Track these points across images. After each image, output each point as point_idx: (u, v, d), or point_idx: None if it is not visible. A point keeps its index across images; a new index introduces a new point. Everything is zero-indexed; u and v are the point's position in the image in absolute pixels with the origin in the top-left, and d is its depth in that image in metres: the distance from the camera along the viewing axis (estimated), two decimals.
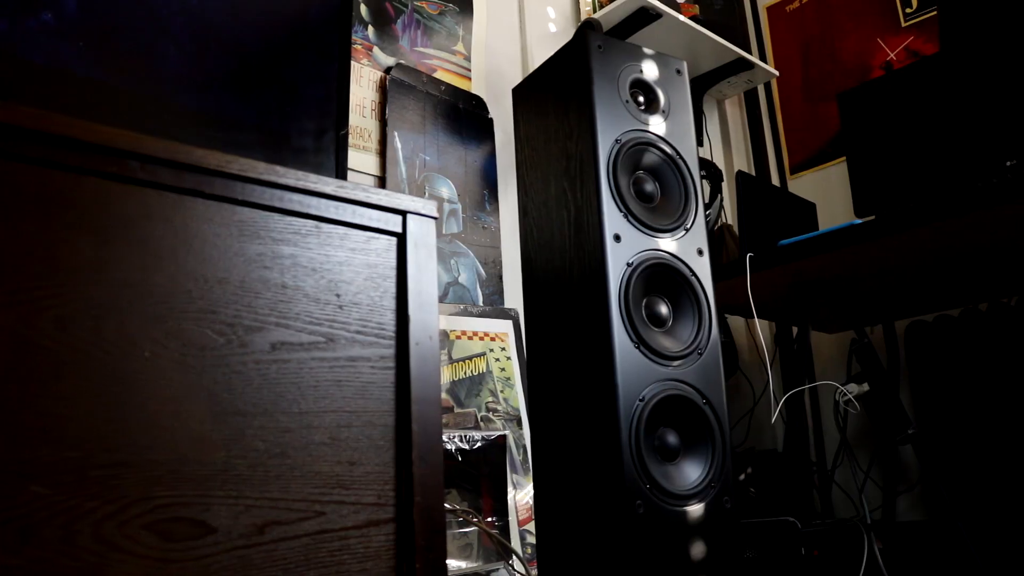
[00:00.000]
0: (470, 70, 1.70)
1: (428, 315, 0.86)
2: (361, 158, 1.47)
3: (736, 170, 2.27)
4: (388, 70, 1.54)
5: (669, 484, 1.03)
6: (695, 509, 1.04)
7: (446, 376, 1.46)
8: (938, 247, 1.48)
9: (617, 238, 1.07)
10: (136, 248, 0.72)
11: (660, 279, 1.11)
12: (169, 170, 0.74)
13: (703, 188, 1.94)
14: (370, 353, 0.83)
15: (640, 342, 1.05)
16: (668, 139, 1.17)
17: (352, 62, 1.50)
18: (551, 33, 1.87)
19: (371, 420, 0.82)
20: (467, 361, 1.50)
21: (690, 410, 1.08)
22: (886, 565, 1.57)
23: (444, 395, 1.45)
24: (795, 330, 1.99)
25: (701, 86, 2.14)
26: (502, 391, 1.52)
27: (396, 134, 1.51)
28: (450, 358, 1.48)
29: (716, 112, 2.29)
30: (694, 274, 1.13)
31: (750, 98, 2.34)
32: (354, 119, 1.48)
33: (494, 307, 1.57)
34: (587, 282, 1.08)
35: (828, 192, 2.15)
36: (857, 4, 2.12)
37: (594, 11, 1.90)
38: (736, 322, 2.06)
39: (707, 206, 1.76)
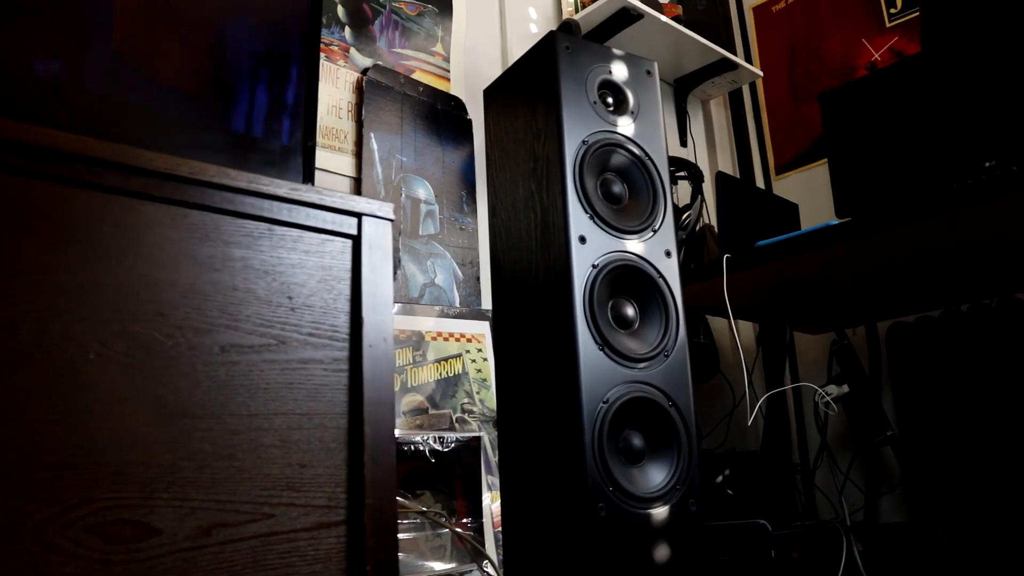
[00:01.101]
0: (449, 71, 1.70)
1: (383, 317, 0.86)
2: (337, 159, 1.48)
3: (720, 171, 2.27)
4: (365, 71, 1.54)
5: (633, 487, 1.02)
6: (659, 512, 1.03)
7: (423, 377, 1.46)
8: (916, 248, 1.47)
9: (583, 239, 1.07)
10: (83, 251, 0.72)
11: (627, 281, 1.11)
12: (117, 173, 0.74)
13: (673, 189, 1.94)
14: (323, 355, 0.83)
15: (605, 344, 1.04)
16: (636, 140, 1.17)
17: (328, 63, 1.50)
18: (532, 34, 1.86)
19: (323, 422, 0.82)
20: (443, 362, 1.50)
21: (656, 412, 1.07)
22: (865, 567, 1.56)
23: (419, 396, 1.45)
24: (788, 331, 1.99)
25: (685, 86, 2.14)
26: (478, 392, 1.52)
27: (372, 135, 1.51)
28: (425, 359, 1.48)
29: (700, 113, 2.28)
30: (661, 276, 1.13)
31: (735, 99, 2.33)
32: (330, 120, 1.48)
33: (471, 308, 1.56)
34: (552, 284, 1.08)
35: (813, 192, 2.14)
36: (842, 4, 2.11)
37: (576, 11, 1.90)
38: (720, 323, 2.05)
39: (687, 207, 1.75)
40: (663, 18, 1.86)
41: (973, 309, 1.68)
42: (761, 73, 2.17)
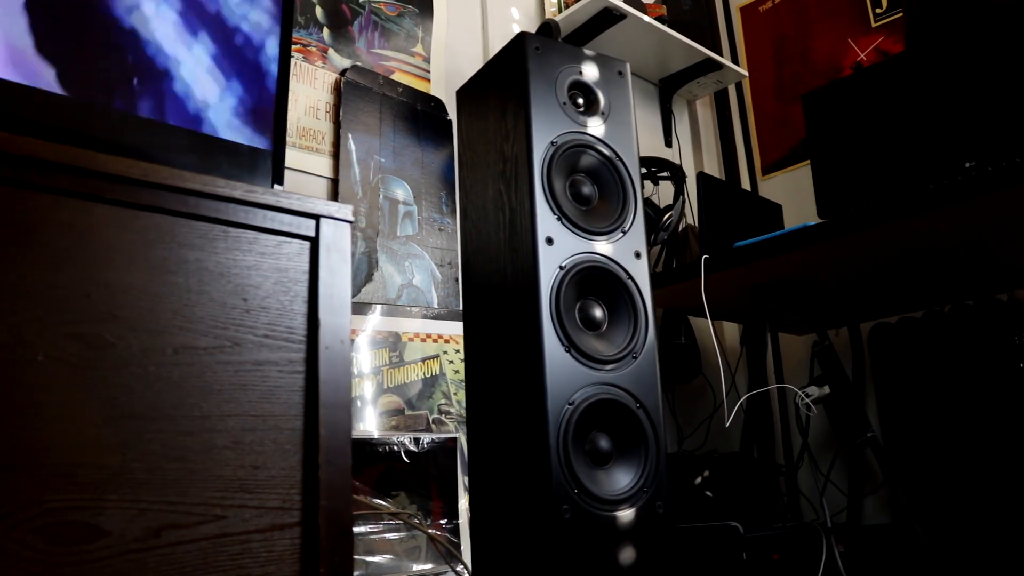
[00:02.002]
0: (429, 72, 1.70)
1: (340, 319, 0.86)
2: (314, 160, 1.48)
3: (706, 171, 2.26)
4: (343, 72, 1.54)
5: (598, 489, 1.02)
6: (625, 514, 1.03)
7: (399, 378, 1.46)
8: (895, 249, 1.47)
9: (550, 241, 1.07)
10: (32, 253, 0.72)
11: (595, 282, 1.11)
12: (68, 176, 0.74)
13: (655, 189, 1.93)
14: (278, 357, 0.83)
15: (571, 345, 1.04)
16: (606, 141, 1.17)
17: (306, 64, 1.50)
18: (515, 33, 1.86)
19: (277, 424, 0.82)
20: (420, 363, 1.50)
21: (623, 414, 1.07)
22: (847, 568, 1.56)
23: (395, 397, 1.45)
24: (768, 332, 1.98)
25: (670, 87, 2.13)
26: (455, 393, 1.52)
27: (350, 136, 1.51)
28: (402, 360, 1.48)
29: (686, 113, 2.28)
30: (631, 277, 1.13)
31: (720, 99, 2.33)
32: (307, 121, 1.48)
33: (449, 309, 1.56)
34: (519, 285, 1.08)
35: (800, 193, 2.14)
36: (829, 4, 2.10)
37: (559, 11, 1.90)
38: (704, 324, 2.05)
39: (669, 207, 1.75)
40: (646, 18, 1.85)
41: (954, 310, 1.67)
42: (746, 73, 2.16)
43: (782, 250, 1.45)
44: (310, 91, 1.49)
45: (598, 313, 1.11)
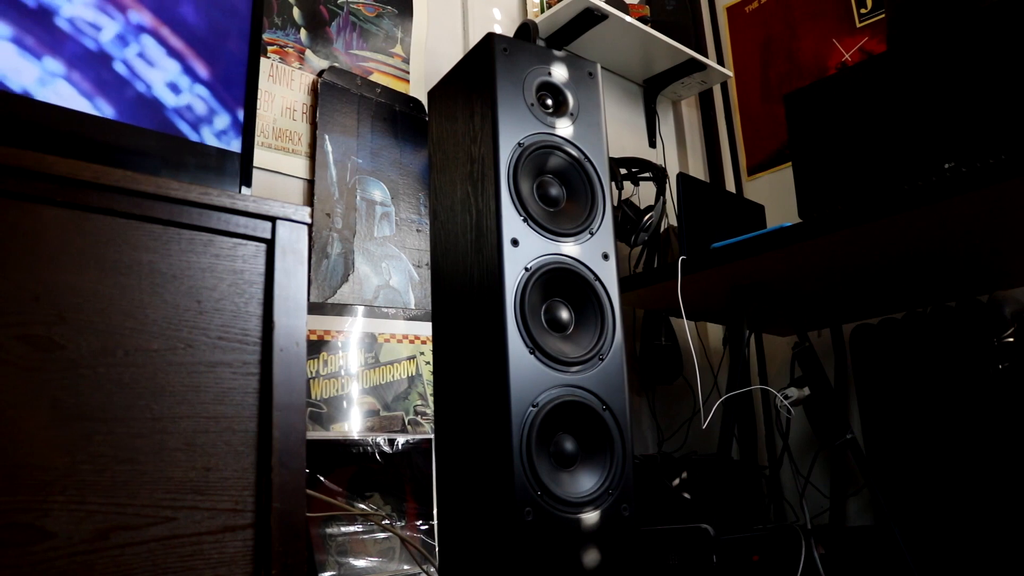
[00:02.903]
0: (408, 73, 1.70)
1: (295, 321, 0.86)
2: (290, 161, 1.48)
3: (691, 172, 2.25)
4: (321, 73, 1.54)
5: (562, 491, 1.02)
6: (589, 516, 1.03)
7: (375, 379, 1.46)
8: (873, 250, 1.46)
9: (515, 242, 1.07)
10: None
11: (562, 284, 1.10)
12: (16, 179, 0.74)
13: (635, 190, 1.93)
14: (232, 359, 0.83)
15: (536, 347, 1.04)
16: (575, 141, 1.16)
17: (283, 65, 1.50)
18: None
19: (231, 426, 0.82)
20: (396, 364, 1.49)
21: (589, 416, 1.07)
22: (827, 570, 1.55)
23: (371, 398, 1.45)
24: (747, 333, 1.98)
25: (654, 87, 2.12)
26: (432, 395, 1.52)
27: (327, 137, 1.51)
28: (378, 361, 1.48)
29: (671, 114, 2.27)
30: (598, 278, 1.12)
31: (705, 99, 2.32)
32: (284, 122, 1.48)
33: (425, 310, 1.56)
34: (484, 286, 1.07)
35: (785, 193, 2.13)
36: (814, 5, 2.10)
37: (542, 11, 1.90)
38: (687, 325, 2.04)
39: (650, 208, 1.74)
40: (628, 19, 1.85)
41: (935, 311, 1.66)
42: (731, 74, 2.16)
43: (759, 251, 1.45)
44: (287, 92, 1.50)
45: (564, 315, 1.11)
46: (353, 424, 1.42)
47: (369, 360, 1.46)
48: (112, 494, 0.74)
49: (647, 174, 1.81)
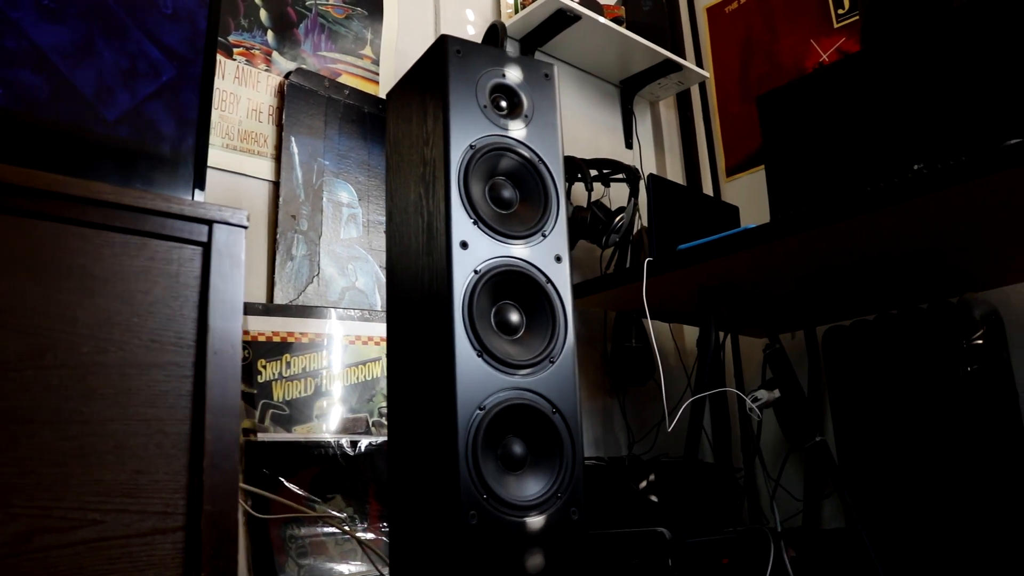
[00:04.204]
0: (378, 74, 1.70)
1: (230, 324, 0.86)
2: (255, 163, 1.48)
3: (669, 173, 2.25)
4: (288, 75, 1.54)
5: (508, 494, 1.01)
6: (535, 520, 1.03)
7: (338, 381, 1.46)
8: (838, 251, 1.45)
9: (464, 245, 1.06)
10: None
11: (513, 286, 1.10)
12: None
13: (606, 191, 1.91)
14: (165, 361, 0.83)
15: (484, 350, 1.04)
16: (528, 143, 1.16)
17: (249, 67, 1.51)
18: (469, 36, 1.86)
19: (163, 428, 0.82)
20: (361, 366, 1.50)
21: (538, 420, 1.06)
22: (796, 573, 1.55)
23: (334, 400, 1.45)
24: (722, 335, 1.97)
25: (631, 88, 2.12)
26: None
27: (293, 139, 1.51)
28: (342, 363, 1.48)
29: (649, 114, 2.26)
30: (550, 281, 1.12)
31: (683, 100, 2.31)
32: (250, 124, 1.49)
33: None
34: (434, 289, 1.07)
35: (764, 194, 2.11)
36: (793, 5, 2.09)
37: (516, 12, 1.89)
38: (661, 327, 2.04)
39: (621, 209, 1.74)
40: (601, 19, 1.85)
41: (906, 313, 1.65)
42: (708, 74, 2.15)
43: (724, 252, 1.44)
44: (253, 94, 1.50)
45: (515, 317, 1.10)
46: (316, 426, 1.42)
47: (334, 362, 1.46)
48: (37, 497, 0.74)
49: (620, 175, 1.80)
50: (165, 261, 0.85)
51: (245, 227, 0.89)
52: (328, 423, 1.43)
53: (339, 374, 1.46)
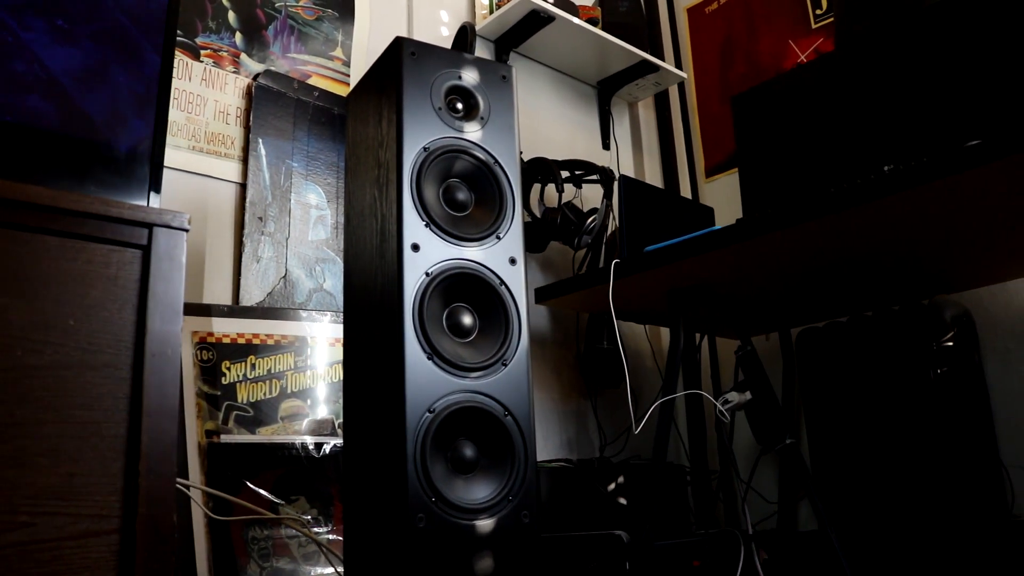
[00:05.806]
0: (349, 76, 1.70)
1: (170, 327, 0.86)
2: (222, 165, 1.48)
3: (647, 174, 2.24)
4: (256, 76, 1.54)
5: (457, 497, 1.01)
6: (485, 523, 1.02)
7: (304, 383, 1.47)
8: (805, 252, 1.45)
9: (415, 247, 1.06)
10: None
11: (466, 289, 1.10)
12: None
13: (577, 192, 1.91)
14: (101, 364, 0.83)
15: (433, 352, 1.04)
16: (483, 145, 1.16)
17: (216, 69, 1.51)
18: (443, 37, 1.86)
19: (98, 431, 0.82)
20: (327, 368, 1.50)
21: (489, 422, 1.06)
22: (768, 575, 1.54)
23: (299, 402, 1.45)
24: (698, 337, 1.96)
25: (609, 89, 2.11)
26: None
27: (260, 140, 1.52)
28: (308, 364, 1.48)
29: (627, 115, 2.26)
30: (503, 283, 1.12)
31: (661, 101, 2.30)
32: (217, 126, 1.49)
33: None
34: (385, 291, 1.07)
35: None
36: (772, 6, 2.08)
37: (490, 12, 1.89)
38: (634, 329, 2.03)
39: (594, 211, 1.73)
40: (575, 20, 1.84)
41: (879, 315, 1.65)
42: (685, 75, 2.14)
43: (691, 254, 1.44)
44: (220, 96, 1.50)
45: (468, 320, 1.10)
46: (281, 427, 1.42)
47: (299, 363, 1.47)
48: None
49: (593, 176, 1.80)
50: (104, 264, 0.85)
51: (186, 230, 0.90)
52: (292, 425, 1.43)
53: (304, 376, 1.46)
